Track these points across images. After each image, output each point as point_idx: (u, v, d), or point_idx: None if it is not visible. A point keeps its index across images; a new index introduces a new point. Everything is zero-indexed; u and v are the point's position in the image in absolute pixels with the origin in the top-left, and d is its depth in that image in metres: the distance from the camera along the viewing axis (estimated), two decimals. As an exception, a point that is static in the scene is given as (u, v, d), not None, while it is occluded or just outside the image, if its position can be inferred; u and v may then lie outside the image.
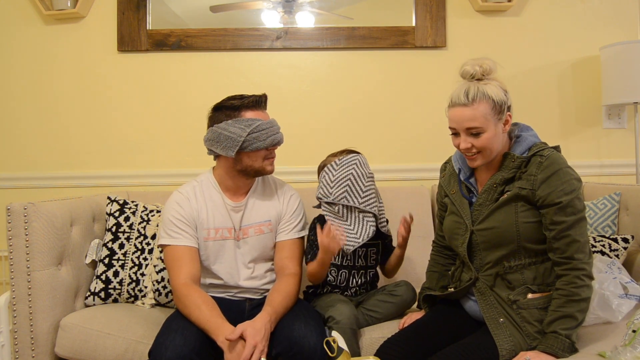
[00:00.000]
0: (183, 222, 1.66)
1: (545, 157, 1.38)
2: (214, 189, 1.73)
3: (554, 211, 1.34)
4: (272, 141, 1.66)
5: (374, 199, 1.77)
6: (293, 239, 1.76)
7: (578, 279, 1.33)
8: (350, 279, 1.81)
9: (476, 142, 1.40)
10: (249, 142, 1.63)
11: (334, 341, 1.35)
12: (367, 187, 1.76)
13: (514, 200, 1.40)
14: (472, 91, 1.38)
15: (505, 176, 1.42)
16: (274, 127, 1.68)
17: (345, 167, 1.78)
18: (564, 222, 1.34)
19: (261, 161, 1.68)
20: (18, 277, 1.68)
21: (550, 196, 1.35)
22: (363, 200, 1.74)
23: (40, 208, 1.72)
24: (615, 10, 2.55)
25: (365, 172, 1.78)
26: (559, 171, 1.36)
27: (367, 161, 1.82)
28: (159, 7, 2.48)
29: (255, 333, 1.40)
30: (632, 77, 2.27)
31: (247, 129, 1.62)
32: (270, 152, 1.70)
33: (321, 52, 2.53)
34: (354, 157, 1.79)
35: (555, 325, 1.32)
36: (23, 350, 1.69)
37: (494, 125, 1.39)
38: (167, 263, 1.66)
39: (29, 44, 2.50)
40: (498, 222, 1.41)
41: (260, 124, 1.64)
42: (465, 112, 1.38)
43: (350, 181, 1.75)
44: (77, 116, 2.50)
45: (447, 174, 1.61)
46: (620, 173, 2.55)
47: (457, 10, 2.53)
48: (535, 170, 1.38)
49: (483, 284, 1.46)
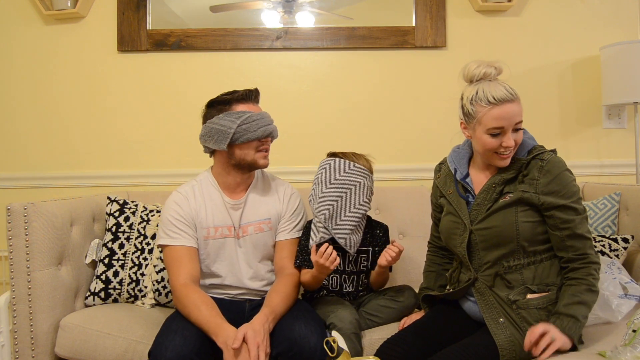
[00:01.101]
0: (182, 222, 1.66)
1: (546, 160, 1.39)
2: (213, 187, 1.73)
3: (563, 211, 1.37)
4: (263, 132, 1.66)
5: (327, 206, 1.70)
6: (293, 239, 1.76)
7: (595, 272, 1.37)
8: (342, 284, 1.80)
9: (517, 138, 1.41)
10: (240, 134, 1.64)
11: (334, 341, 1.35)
12: (324, 194, 1.72)
13: (515, 204, 1.40)
14: (509, 87, 1.39)
15: (505, 177, 1.43)
16: (265, 118, 1.68)
17: (320, 168, 1.79)
18: (574, 220, 1.37)
19: (253, 153, 1.67)
20: (18, 277, 1.68)
21: (556, 198, 1.37)
22: (317, 205, 1.72)
23: (40, 208, 1.72)
24: (615, 10, 2.55)
25: (331, 177, 1.73)
26: (561, 174, 1.38)
27: (345, 166, 1.73)
28: (159, 7, 2.48)
29: (255, 335, 1.40)
30: (632, 77, 2.27)
31: (237, 121, 1.64)
32: (263, 144, 1.69)
33: (321, 52, 2.53)
34: (326, 161, 1.78)
35: (573, 309, 1.33)
36: (23, 350, 1.69)
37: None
38: (167, 263, 1.66)
39: (29, 44, 2.50)
40: (497, 222, 1.41)
41: (251, 115, 1.65)
42: (515, 107, 1.38)
43: (316, 184, 1.76)
44: (77, 116, 2.50)
45: (443, 174, 1.61)
46: (620, 173, 2.55)
47: (457, 10, 2.53)
48: (537, 174, 1.39)
49: (482, 284, 1.46)
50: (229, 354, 1.39)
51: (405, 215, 2.20)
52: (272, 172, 1.91)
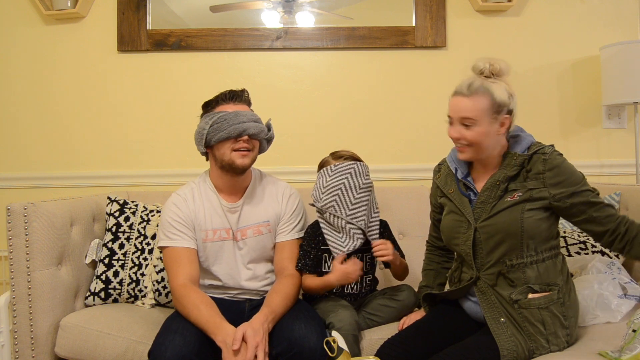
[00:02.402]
0: (181, 224, 1.66)
1: (547, 154, 1.41)
2: (210, 190, 1.73)
3: (578, 196, 1.39)
4: (233, 130, 1.61)
5: (364, 211, 1.72)
6: (293, 240, 1.76)
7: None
8: (346, 285, 1.79)
9: (467, 134, 1.43)
10: (212, 134, 1.63)
11: (334, 341, 1.35)
12: (357, 199, 1.72)
13: (524, 202, 1.41)
14: (475, 84, 1.42)
15: (508, 174, 1.43)
16: (240, 117, 1.63)
17: (338, 175, 1.73)
18: (588, 195, 1.40)
19: (229, 153, 1.64)
20: (18, 277, 1.68)
21: (566, 187, 1.39)
22: (351, 212, 1.71)
23: (40, 208, 1.72)
24: (615, 10, 2.55)
25: (360, 182, 1.73)
26: (563, 164, 1.41)
27: (366, 169, 1.77)
28: (159, 7, 2.48)
29: (254, 334, 1.40)
30: (632, 77, 2.27)
31: (210, 121, 1.64)
32: (238, 143, 1.64)
33: (321, 52, 2.53)
34: (349, 166, 1.74)
35: None
36: (23, 350, 1.69)
37: (488, 122, 1.41)
38: (166, 264, 1.66)
39: (29, 44, 2.50)
40: (503, 218, 1.41)
41: (223, 114, 1.63)
42: (463, 102, 1.42)
43: (341, 191, 1.72)
44: (77, 116, 2.50)
45: (443, 174, 1.61)
46: (620, 173, 2.55)
47: (457, 10, 2.53)
48: (541, 167, 1.40)
49: (484, 283, 1.46)
50: (228, 353, 1.39)
51: (405, 215, 2.20)
52: (272, 172, 1.90)
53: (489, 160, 1.48)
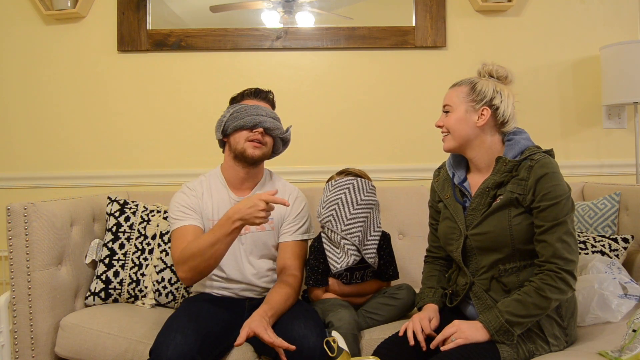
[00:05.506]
0: (188, 208, 1.71)
1: (536, 161, 1.37)
2: (220, 183, 1.78)
3: (545, 212, 1.34)
4: (250, 121, 1.70)
5: (359, 228, 1.72)
6: (296, 241, 1.77)
7: (557, 279, 1.31)
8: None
9: (445, 120, 1.48)
10: (230, 122, 1.71)
11: (334, 341, 1.35)
12: (352, 215, 1.72)
13: (507, 206, 1.39)
14: (464, 79, 1.49)
15: (497, 180, 1.41)
16: (259, 110, 1.72)
17: (337, 190, 1.76)
18: (551, 222, 1.33)
19: (243, 142, 1.71)
20: (18, 277, 1.68)
21: (540, 200, 1.34)
22: (346, 227, 1.72)
23: (40, 208, 1.72)
24: (615, 10, 2.55)
25: (358, 198, 1.73)
26: (547, 176, 1.34)
27: (368, 186, 1.78)
28: (159, 7, 2.48)
29: (258, 324, 1.43)
30: (632, 77, 2.27)
31: (231, 110, 1.73)
32: (254, 134, 1.71)
33: (321, 52, 2.53)
34: (348, 181, 1.76)
35: (505, 304, 1.34)
36: (23, 350, 1.69)
37: (464, 109, 1.45)
38: (172, 243, 1.69)
39: (28, 43, 2.50)
40: (491, 227, 1.40)
41: (243, 105, 1.72)
42: (449, 92, 1.51)
43: (338, 205, 1.73)
44: (77, 116, 2.50)
45: (441, 178, 1.60)
46: (620, 173, 2.55)
47: (457, 10, 2.53)
48: (525, 174, 1.37)
49: (479, 288, 1.45)
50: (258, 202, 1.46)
51: (405, 215, 2.21)
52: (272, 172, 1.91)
53: (481, 164, 1.47)
